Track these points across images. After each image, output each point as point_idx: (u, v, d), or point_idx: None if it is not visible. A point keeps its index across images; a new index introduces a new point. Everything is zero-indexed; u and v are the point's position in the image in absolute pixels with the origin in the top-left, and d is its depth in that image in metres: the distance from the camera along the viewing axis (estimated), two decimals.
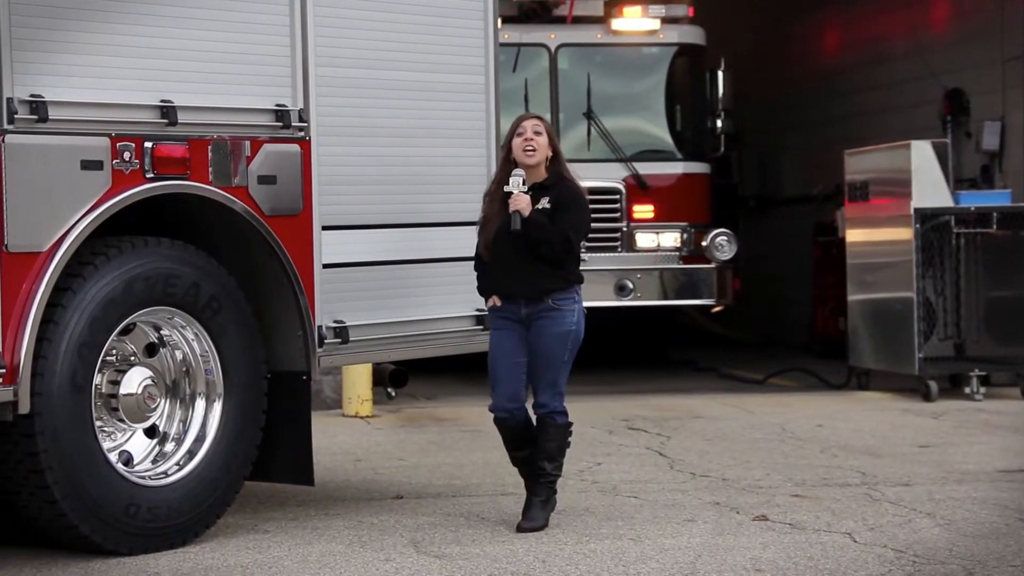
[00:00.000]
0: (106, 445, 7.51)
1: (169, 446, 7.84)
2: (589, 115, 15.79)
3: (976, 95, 16.72)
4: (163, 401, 7.82)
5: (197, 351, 7.87)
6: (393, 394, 12.86)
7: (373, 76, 8.49)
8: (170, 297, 7.63)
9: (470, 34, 9.01)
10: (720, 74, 16.15)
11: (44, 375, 7.13)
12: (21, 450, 7.18)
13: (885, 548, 7.61)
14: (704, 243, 15.66)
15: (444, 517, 8.45)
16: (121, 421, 7.65)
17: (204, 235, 7.90)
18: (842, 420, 12.51)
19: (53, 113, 7.11)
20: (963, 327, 14.52)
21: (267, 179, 7.95)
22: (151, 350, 7.83)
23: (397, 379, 9.33)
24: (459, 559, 7.45)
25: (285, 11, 8.07)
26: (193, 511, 7.71)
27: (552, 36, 15.87)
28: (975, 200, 14.41)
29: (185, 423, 7.88)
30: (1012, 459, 10.41)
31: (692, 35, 16.15)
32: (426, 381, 14.28)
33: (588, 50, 16.00)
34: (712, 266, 15.70)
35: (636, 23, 15.84)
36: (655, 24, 15.84)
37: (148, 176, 7.48)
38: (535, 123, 8.10)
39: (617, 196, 15.67)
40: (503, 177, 8.10)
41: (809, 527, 8.12)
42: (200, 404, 7.89)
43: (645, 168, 15.80)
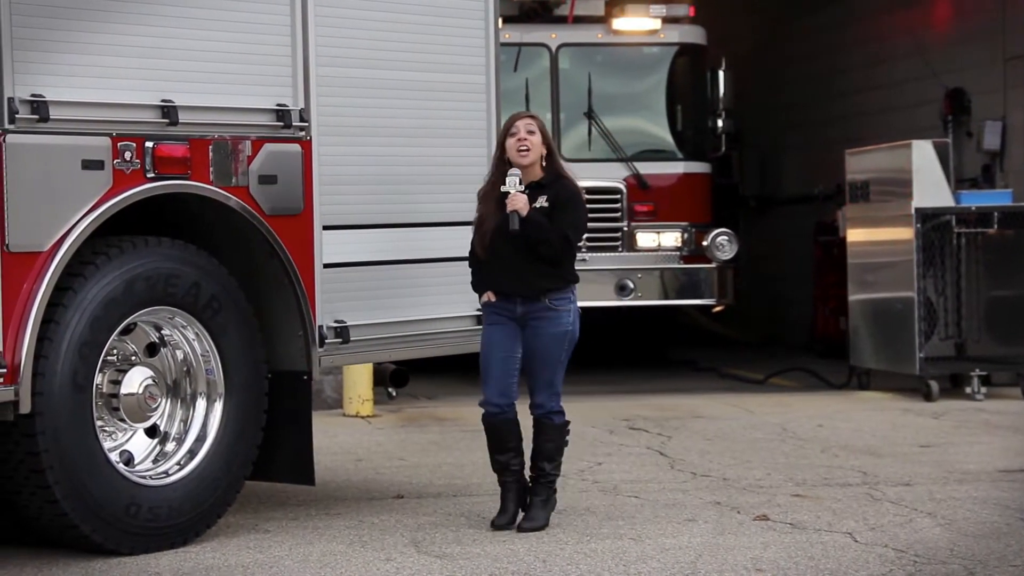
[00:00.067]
0: (107, 445, 7.50)
1: (170, 446, 7.84)
2: (590, 115, 15.79)
3: (977, 95, 16.71)
4: (164, 401, 7.82)
5: (198, 351, 7.86)
6: (394, 394, 12.87)
7: (374, 76, 8.49)
8: (171, 297, 7.63)
9: (471, 34, 9.00)
10: (721, 74, 16.13)
11: (45, 375, 7.13)
12: (22, 450, 7.18)
13: (886, 548, 7.60)
14: (705, 243, 15.66)
15: (445, 517, 8.45)
16: (122, 421, 7.65)
17: (205, 235, 7.90)
18: (843, 420, 12.50)
19: (54, 113, 7.11)
20: (964, 327, 14.51)
21: (268, 179, 7.94)
22: (152, 350, 7.83)
23: (398, 379, 9.33)
24: (460, 559, 7.45)
25: (286, 11, 8.07)
26: (194, 511, 7.71)
27: (553, 36, 15.86)
28: (976, 200, 14.41)
29: (186, 423, 7.88)
30: (1013, 459, 10.40)
31: (693, 35, 16.14)
32: (427, 381, 14.28)
33: (589, 50, 16.00)
34: (713, 266, 15.70)
35: (637, 23, 15.83)
36: (656, 24, 15.84)
37: (149, 176, 7.48)
38: (528, 122, 8.06)
39: (618, 196, 15.67)
40: (498, 177, 8.07)
41: (810, 527, 8.12)
42: (201, 404, 7.89)
43: (646, 168, 15.79)
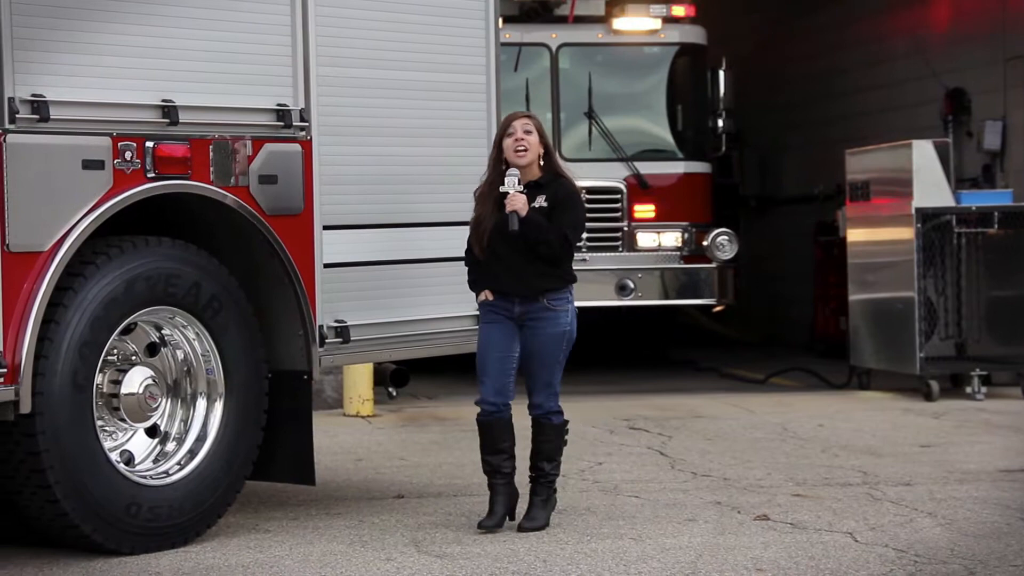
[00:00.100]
0: (107, 444, 7.51)
1: (170, 445, 7.84)
2: (590, 115, 15.79)
3: (977, 94, 16.71)
4: (164, 400, 7.82)
5: (198, 350, 7.87)
6: (394, 393, 12.87)
7: (374, 76, 8.49)
8: (171, 297, 7.63)
9: (471, 33, 9.01)
10: (721, 73, 16.12)
11: (45, 374, 7.13)
12: (23, 450, 7.19)
13: (886, 548, 7.60)
14: (705, 243, 15.66)
15: (445, 516, 8.45)
16: (122, 421, 7.65)
17: (205, 235, 7.90)
18: (843, 420, 12.50)
19: (54, 113, 7.11)
20: (964, 327, 14.51)
21: (268, 179, 7.94)
22: (152, 349, 7.83)
23: (398, 378, 9.34)
24: (460, 558, 7.45)
25: (286, 11, 8.07)
26: (194, 510, 7.71)
27: (553, 36, 15.87)
28: (976, 200, 14.40)
29: (186, 422, 7.88)
30: (1013, 458, 10.40)
31: (693, 34, 16.14)
32: (427, 380, 14.28)
33: (589, 49, 15.99)
34: (713, 266, 15.70)
35: (637, 23, 15.83)
36: (656, 24, 15.83)
37: (149, 176, 7.48)
38: (525, 122, 8.04)
39: (618, 196, 15.67)
40: (495, 177, 8.04)
41: (810, 527, 8.12)
42: (201, 403, 7.89)
43: (646, 168, 15.79)
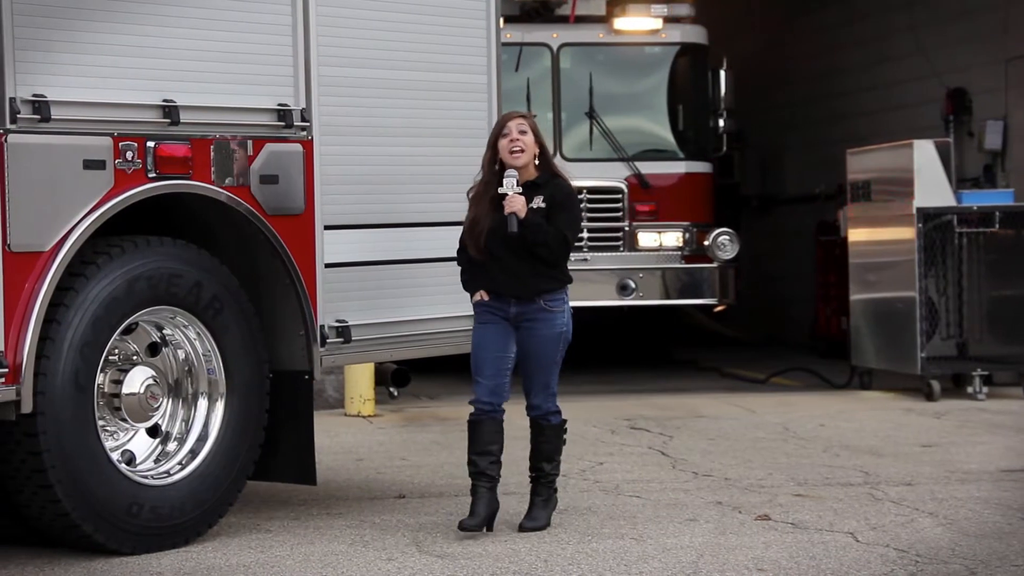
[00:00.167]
0: (109, 444, 7.51)
1: (171, 445, 7.84)
2: (591, 114, 15.79)
3: (979, 94, 16.71)
4: (165, 400, 7.82)
5: (199, 350, 7.87)
6: (395, 393, 12.88)
7: (375, 75, 8.49)
8: (172, 296, 7.63)
9: (472, 33, 9.00)
10: (722, 73, 16.13)
11: (47, 374, 7.13)
12: (24, 449, 7.19)
13: (887, 548, 7.60)
14: (706, 242, 15.65)
15: (447, 516, 8.45)
16: (124, 420, 7.65)
17: (206, 235, 7.90)
18: (844, 420, 12.50)
19: (56, 113, 7.11)
20: (965, 326, 14.51)
21: (269, 179, 7.95)
22: (153, 349, 7.83)
23: (399, 378, 9.34)
24: (461, 558, 7.45)
25: (287, 11, 8.07)
26: (196, 510, 7.71)
27: (554, 35, 15.87)
28: (978, 199, 14.41)
29: (187, 422, 7.88)
30: (1015, 459, 10.40)
31: (694, 34, 16.13)
32: (428, 380, 14.27)
33: (590, 49, 15.99)
34: (714, 265, 15.69)
35: (638, 22, 15.83)
36: (657, 23, 15.83)
37: (150, 176, 7.48)
38: (520, 122, 8.01)
39: (619, 195, 15.67)
40: (490, 178, 8.01)
41: (811, 527, 8.12)
42: (202, 403, 7.89)
43: (647, 167, 15.79)
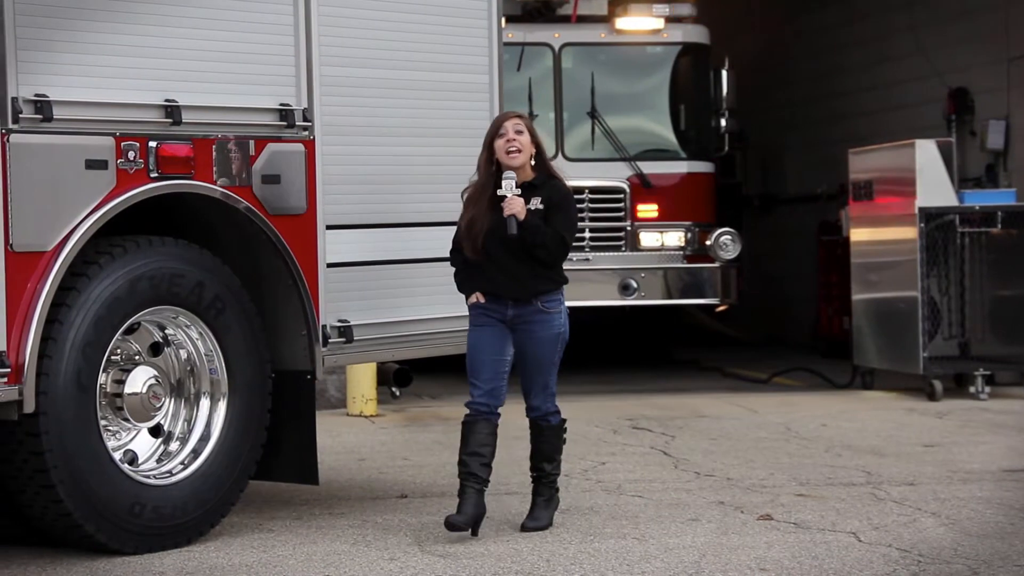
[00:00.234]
0: (111, 444, 7.51)
1: (174, 445, 7.84)
2: (593, 114, 15.78)
3: (981, 94, 16.70)
4: (168, 400, 7.82)
5: (202, 350, 7.87)
6: (397, 393, 12.86)
7: (377, 75, 8.49)
8: (175, 296, 7.63)
9: (474, 33, 9.01)
10: (724, 73, 16.12)
11: (49, 374, 7.13)
12: (26, 449, 7.19)
13: (890, 548, 7.60)
14: (708, 242, 15.65)
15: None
16: (126, 420, 7.66)
17: (208, 235, 7.90)
18: (846, 419, 12.49)
19: (58, 112, 7.12)
20: (968, 326, 14.51)
21: (271, 178, 7.95)
22: (156, 349, 7.83)
23: (401, 378, 9.33)
24: (463, 558, 7.45)
25: (289, 10, 8.07)
26: (198, 510, 7.71)
27: (556, 35, 15.87)
28: (980, 199, 14.40)
29: (190, 422, 7.88)
30: (1017, 458, 10.39)
31: (696, 34, 16.13)
32: (430, 380, 14.26)
33: (592, 49, 15.98)
34: (716, 265, 15.69)
35: (640, 22, 15.82)
36: (659, 23, 15.83)
37: (152, 176, 7.49)
38: (516, 122, 7.98)
39: (621, 195, 15.66)
40: (486, 179, 7.98)
41: (814, 526, 8.12)
42: (205, 403, 7.90)
43: (649, 167, 15.78)
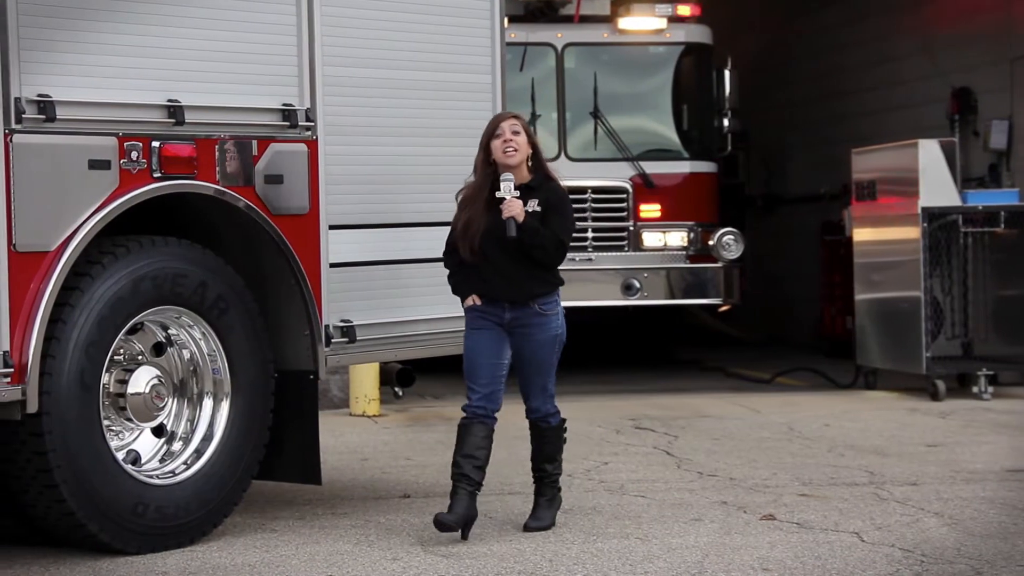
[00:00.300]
0: (114, 444, 7.51)
1: (177, 445, 7.84)
2: (596, 114, 15.78)
3: (984, 94, 16.70)
4: (171, 400, 7.83)
5: (204, 350, 7.87)
6: (400, 393, 12.81)
7: (380, 75, 8.50)
8: (178, 296, 7.64)
9: (477, 33, 9.01)
10: (727, 73, 16.12)
11: (52, 374, 7.13)
12: (29, 449, 7.19)
13: (893, 548, 7.60)
14: (711, 242, 15.65)
15: None
16: (129, 420, 7.66)
17: (211, 235, 7.90)
18: (849, 419, 12.49)
19: (61, 113, 7.12)
20: (971, 326, 14.50)
21: (274, 178, 7.95)
22: (159, 349, 7.84)
23: (404, 378, 9.33)
24: (466, 558, 7.45)
25: (292, 11, 8.08)
26: (201, 510, 7.71)
27: (559, 35, 15.87)
28: (983, 199, 14.39)
29: (193, 422, 7.88)
30: (1020, 458, 10.39)
31: (699, 34, 16.13)
32: (433, 380, 14.26)
33: (595, 49, 15.98)
34: (719, 265, 15.69)
35: (643, 22, 15.82)
36: (662, 23, 15.82)
37: (155, 176, 7.49)
38: (512, 123, 7.97)
39: (624, 195, 15.66)
40: (482, 180, 7.96)
41: (816, 526, 8.12)
42: (207, 403, 7.90)
43: (652, 167, 15.78)
